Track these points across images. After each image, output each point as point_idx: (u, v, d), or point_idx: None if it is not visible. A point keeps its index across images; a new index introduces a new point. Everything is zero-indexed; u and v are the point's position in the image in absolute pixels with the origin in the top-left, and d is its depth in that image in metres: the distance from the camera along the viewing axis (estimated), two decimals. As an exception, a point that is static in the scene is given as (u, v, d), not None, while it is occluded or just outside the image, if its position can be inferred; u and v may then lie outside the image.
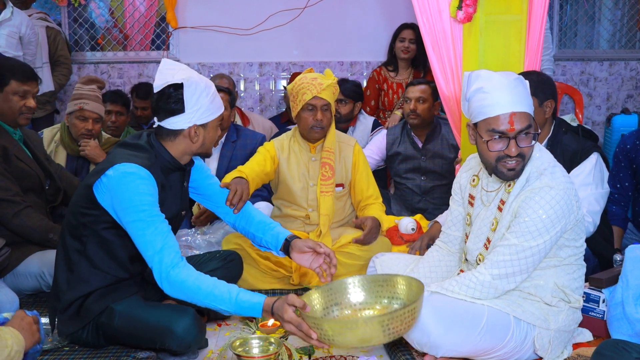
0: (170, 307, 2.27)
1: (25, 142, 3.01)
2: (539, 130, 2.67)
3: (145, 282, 2.45)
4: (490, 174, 2.24)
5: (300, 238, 2.44)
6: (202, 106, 2.22)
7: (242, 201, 2.58)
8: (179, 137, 2.27)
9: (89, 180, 2.22)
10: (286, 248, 2.42)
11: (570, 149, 2.77)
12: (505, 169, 2.14)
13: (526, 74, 2.73)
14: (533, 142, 2.13)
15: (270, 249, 2.50)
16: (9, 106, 2.86)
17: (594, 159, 2.75)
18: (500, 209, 2.20)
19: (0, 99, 2.85)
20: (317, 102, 3.03)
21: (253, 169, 3.01)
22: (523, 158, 2.13)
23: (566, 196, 2.08)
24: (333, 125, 3.16)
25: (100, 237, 2.24)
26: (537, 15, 3.07)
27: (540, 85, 2.73)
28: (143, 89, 4.84)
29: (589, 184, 2.73)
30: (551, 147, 2.79)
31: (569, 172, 2.67)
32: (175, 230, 2.40)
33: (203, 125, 2.27)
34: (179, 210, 2.42)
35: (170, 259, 2.10)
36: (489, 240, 2.23)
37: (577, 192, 2.16)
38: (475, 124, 2.17)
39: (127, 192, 2.12)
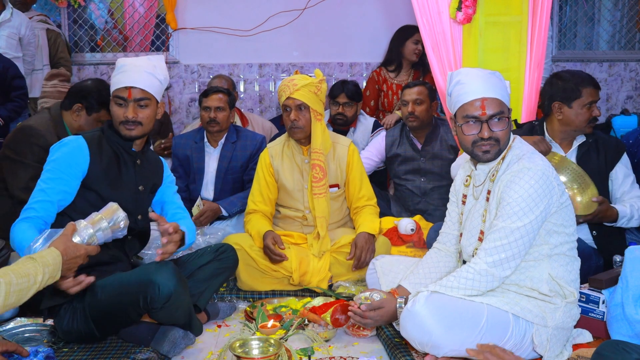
0: (149, 264, 2.35)
1: None
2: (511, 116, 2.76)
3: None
4: (475, 166, 2.34)
5: None
6: (112, 78, 2.51)
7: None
8: None
9: None
10: None
11: (611, 140, 2.95)
12: (481, 152, 2.25)
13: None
14: (507, 126, 2.23)
15: None
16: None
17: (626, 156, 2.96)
18: (488, 200, 2.27)
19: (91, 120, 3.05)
20: (290, 103, 3.07)
21: (262, 203, 3.22)
22: (498, 142, 2.23)
23: (544, 176, 2.15)
24: (320, 125, 3.12)
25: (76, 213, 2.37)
26: (541, 16, 3.08)
27: None
28: None
29: (630, 175, 2.92)
30: (589, 136, 2.92)
31: (617, 162, 2.88)
32: (142, 208, 2.56)
33: None
34: (136, 186, 2.55)
35: (21, 217, 2.32)
36: (482, 233, 2.27)
37: (558, 177, 2.23)
38: (455, 115, 2.29)
39: (50, 153, 2.43)
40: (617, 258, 2.63)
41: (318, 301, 2.64)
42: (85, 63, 5.54)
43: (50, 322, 2.42)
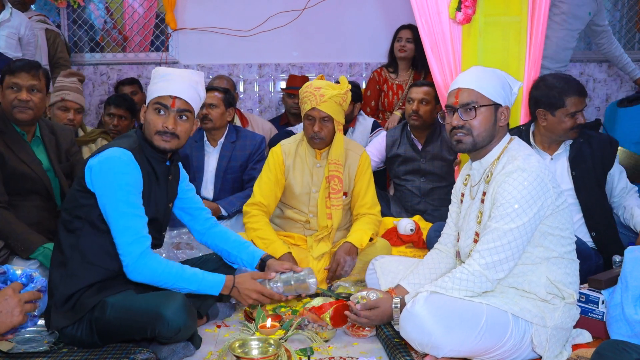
0: (160, 294, 2.27)
1: (44, 144, 3.05)
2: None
3: None
4: (472, 164, 2.37)
5: (274, 258, 2.49)
6: (151, 85, 2.37)
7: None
8: None
9: (81, 171, 2.29)
10: (262, 266, 2.48)
11: (604, 138, 2.96)
12: (455, 141, 2.30)
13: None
14: (478, 116, 2.24)
15: (244, 266, 2.54)
16: (4, 100, 2.92)
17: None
18: (483, 201, 2.26)
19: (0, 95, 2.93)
20: (315, 114, 3.00)
21: (269, 197, 3.13)
22: (470, 131, 2.25)
23: (539, 178, 2.13)
24: (340, 135, 3.08)
25: (94, 228, 2.28)
26: (538, 17, 3.08)
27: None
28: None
29: (623, 171, 2.98)
30: (580, 135, 2.89)
31: (614, 159, 2.90)
32: (166, 223, 2.50)
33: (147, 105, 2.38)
34: (167, 203, 2.48)
35: (140, 250, 2.23)
36: (477, 234, 2.27)
37: (555, 180, 2.21)
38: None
39: (108, 176, 2.21)
40: (617, 258, 2.63)
41: (318, 301, 2.64)
42: (84, 63, 5.53)
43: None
